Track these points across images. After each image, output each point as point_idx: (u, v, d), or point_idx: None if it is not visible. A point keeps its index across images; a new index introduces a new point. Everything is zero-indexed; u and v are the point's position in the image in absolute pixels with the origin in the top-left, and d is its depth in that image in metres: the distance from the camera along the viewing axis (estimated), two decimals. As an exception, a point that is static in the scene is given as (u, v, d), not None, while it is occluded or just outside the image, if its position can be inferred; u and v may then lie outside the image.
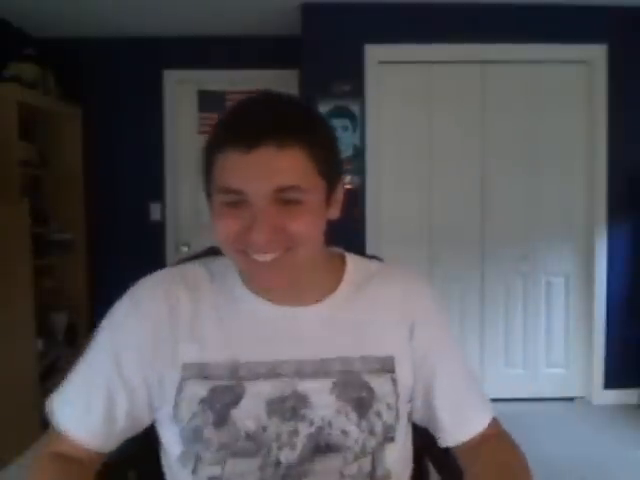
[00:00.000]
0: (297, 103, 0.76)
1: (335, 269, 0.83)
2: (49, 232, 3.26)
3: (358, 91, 3.08)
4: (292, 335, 0.76)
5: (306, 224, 0.69)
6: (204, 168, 0.73)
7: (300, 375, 0.74)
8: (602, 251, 3.16)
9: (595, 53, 3.10)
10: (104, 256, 3.60)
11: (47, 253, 3.16)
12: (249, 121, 0.68)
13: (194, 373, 0.73)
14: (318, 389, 0.74)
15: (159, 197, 3.68)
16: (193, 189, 3.75)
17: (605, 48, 3.09)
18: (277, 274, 0.71)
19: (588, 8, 3.05)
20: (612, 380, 3.18)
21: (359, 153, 3.09)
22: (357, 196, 3.09)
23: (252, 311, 0.77)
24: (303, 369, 0.74)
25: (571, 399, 3.24)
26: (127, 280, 0.83)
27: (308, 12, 3.07)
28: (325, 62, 3.07)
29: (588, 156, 3.17)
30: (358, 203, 3.09)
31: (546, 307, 3.25)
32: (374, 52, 3.09)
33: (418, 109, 3.17)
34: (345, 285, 0.81)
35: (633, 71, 3.10)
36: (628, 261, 3.18)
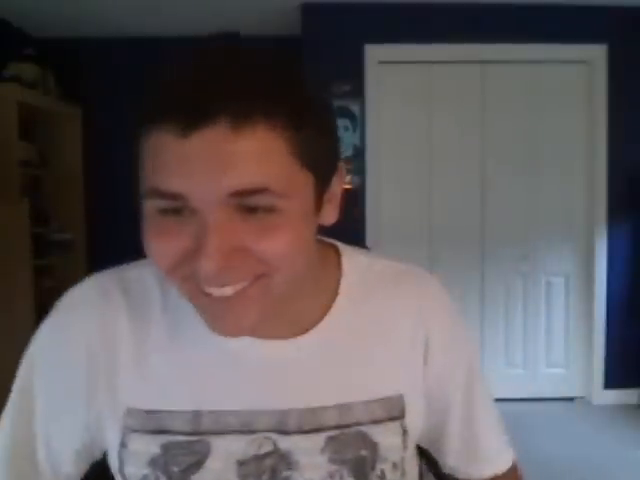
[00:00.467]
0: (269, 57, 0.49)
1: (328, 274, 0.61)
2: (49, 232, 3.25)
3: (358, 91, 3.08)
4: (271, 377, 0.57)
5: (283, 243, 0.46)
6: (135, 153, 0.51)
7: (282, 429, 0.56)
8: (602, 251, 3.16)
9: (595, 53, 3.10)
10: (104, 256, 3.58)
11: (47, 253, 3.16)
12: (189, 84, 0.44)
13: (141, 423, 0.55)
14: (306, 447, 0.56)
15: (159, 197, 3.67)
16: (193, 189, 3.75)
17: (605, 48, 3.09)
18: (238, 315, 0.49)
19: (588, 8, 3.05)
20: (612, 380, 3.18)
21: (359, 153, 3.09)
22: (357, 196, 3.09)
23: (220, 343, 0.55)
24: (287, 422, 0.56)
25: (571, 399, 3.24)
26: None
27: (308, 12, 3.07)
28: (325, 62, 3.07)
29: (588, 156, 3.17)
30: (358, 203, 3.09)
31: (546, 307, 3.25)
32: (374, 52, 3.08)
33: (418, 109, 3.17)
34: (341, 301, 0.60)
35: (633, 71, 3.10)
36: (628, 261, 3.18)
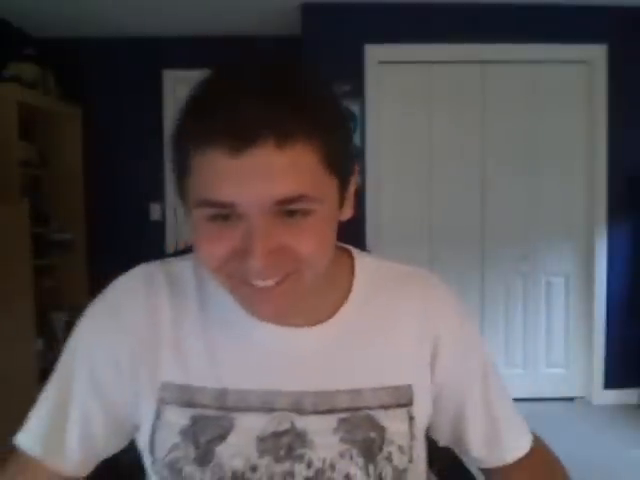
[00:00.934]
0: (298, 77, 0.56)
1: (343, 274, 0.69)
2: (49, 232, 3.25)
3: (358, 91, 3.08)
4: (290, 362, 0.64)
5: (317, 241, 0.55)
6: (176, 167, 0.57)
7: (299, 409, 0.62)
8: (602, 251, 3.16)
9: (595, 53, 3.10)
10: (104, 256, 3.59)
11: (47, 253, 3.16)
12: (237, 109, 0.50)
13: (175, 396, 0.62)
14: (320, 427, 0.62)
15: (159, 197, 3.67)
16: (193, 189, 3.75)
17: (605, 48, 3.09)
18: (277, 302, 0.57)
19: (588, 8, 3.05)
20: (612, 380, 3.18)
21: (359, 153, 3.09)
22: (357, 196, 3.08)
23: (245, 330, 0.63)
24: (303, 402, 0.62)
25: (571, 399, 3.24)
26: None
27: (308, 12, 3.07)
28: (325, 62, 3.07)
29: (588, 156, 3.17)
30: (358, 203, 3.09)
31: (546, 307, 3.25)
32: (374, 52, 3.09)
33: (418, 109, 3.17)
34: (354, 296, 0.67)
35: (633, 71, 3.10)
36: (628, 261, 3.18)
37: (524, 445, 0.72)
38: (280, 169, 0.50)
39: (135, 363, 0.63)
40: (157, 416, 0.62)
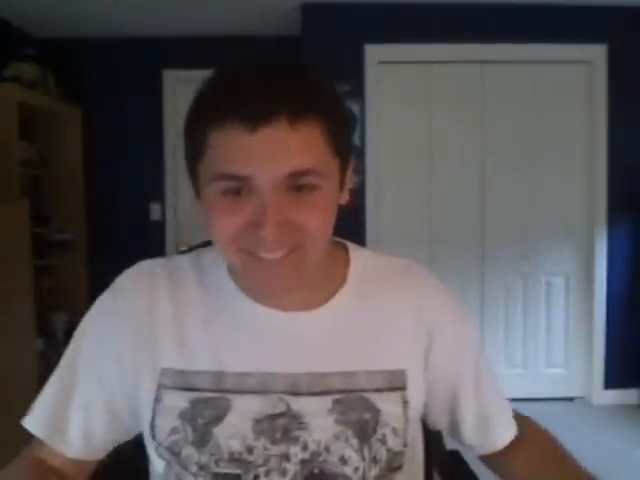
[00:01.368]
0: (305, 69, 0.62)
1: (338, 265, 0.71)
2: (49, 232, 3.25)
3: (358, 91, 3.08)
4: (287, 345, 0.66)
5: (321, 216, 0.59)
6: (191, 152, 0.60)
7: (295, 391, 0.64)
8: (602, 251, 3.16)
9: (595, 53, 3.10)
10: (104, 256, 3.59)
11: (47, 253, 3.16)
12: (253, 90, 0.55)
13: (173, 381, 0.64)
14: (315, 409, 0.63)
15: (159, 197, 3.68)
16: (193, 189, 3.75)
17: (605, 48, 3.09)
18: (283, 275, 0.60)
19: (588, 8, 3.05)
20: (612, 380, 3.18)
21: (359, 153, 3.09)
22: (357, 196, 3.08)
23: (242, 315, 0.67)
24: (298, 384, 0.64)
25: (571, 399, 3.24)
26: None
27: (308, 12, 3.07)
28: (325, 62, 3.06)
29: (588, 156, 3.17)
30: (358, 203, 3.09)
31: (546, 307, 3.25)
32: (374, 52, 3.08)
33: (418, 109, 3.17)
34: (350, 285, 0.70)
35: (633, 71, 3.10)
36: (628, 261, 3.18)
37: (511, 432, 0.76)
38: (292, 145, 0.55)
39: (135, 354, 0.66)
40: (157, 401, 0.64)
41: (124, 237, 3.63)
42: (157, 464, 0.67)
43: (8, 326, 2.51)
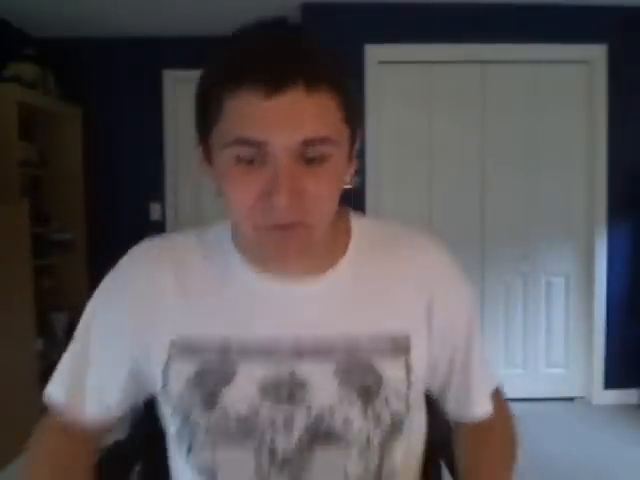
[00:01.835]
0: (316, 36, 0.62)
1: (340, 233, 0.72)
2: (49, 232, 3.26)
3: (358, 91, 3.08)
4: (291, 311, 0.67)
5: (329, 186, 0.60)
6: (204, 115, 0.60)
7: (299, 355, 0.65)
8: (602, 251, 3.16)
9: (595, 53, 3.10)
10: (104, 256, 3.57)
11: (47, 253, 3.16)
12: (270, 56, 0.55)
13: (182, 349, 0.67)
14: (319, 372, 0.65)
15: (159, 197, 3.68)
16: (193, 189, 3.75)
17: (605, 48, 3.09)
18: (293, 244, 0.61)
19: (588, 8, 3.05)
20: (612, 380, 3.18)
21: (359, 153, 3.08)
22: (357, 196, 3.08)
23: (247, 284, 0.68)
24: (302, 348, 0.65)
25: (571, 399, 3.24)
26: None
27: (308, 12, 3.07)
28: (325, 62, 3.07)
29: (588, 156, 3.17)
30: (359, 203, 3.09)
31: (546, 307, 3.25)
32: (374, 52, 3.08)
33: (418, 109, 3.17)
34: (352, 253, 0.71)
35: (633, 71, 3.10)
36: (628, 261, 3.18)
37: (486, 410, 0.77)
38: (308, 113, 0.55)
39: (144, 326, 0.69)
40: (167, 368, 0.67)
41: (124, 237, 3.59)
42: (170, 426, 0.69)
43: (8, 326, 2.51)
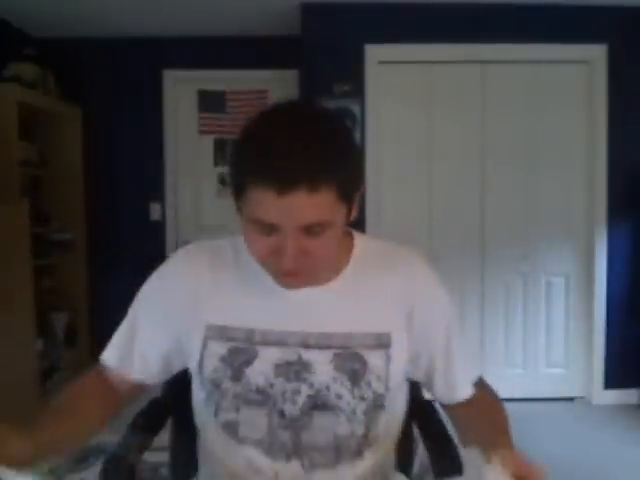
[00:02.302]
0: (326, 127, 0.77)
1: (344, 250, 0.90)
2: (49, 232, 3.26)
3: (358, 91, 3.08)
4: (301, 310, 0.86)
5: (328, 248, 0.79)
6: (235, 190, 0.78)
7: (305, 345, 0.85)
8: (602, 251, 3.16)
9: (595, 53, 3.10)
10: (104, 256, 3.60)
11: (47, 253, 3.17)
12: (282, 161, 0.71)
13: (216, 334, 0.87)
14: (320, 359, 0.84)
15: (159, 197, 3.68)
16: (193, 189, 3.75)
17: (605, 48, 3.09)
18: (299, 281, 0.83)
19: (588, 8, 3.05)
20: (612, 380, 3.18)
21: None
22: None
23: (268, 286, 0.86)
24: (308, 340, 0.85)
25: (571, 399, 3.24)
26: (127, 280, 0.83)
27: (308, 12, 3.07)
28: (325, 62, 3.07)
29: (588, 156, 3.17)
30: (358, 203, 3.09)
31: (546, 307, 3.25)
32: (374, 52, 3.08)
33: (418, 109, 3.17)
34: (352, 266, 0.90)
35: (633, 71, 3.10)
36: (628, 261, 3.18)
37: (468, 393, 0.93)
38: (309, 207, 0.72)
39: (186, 313, 0.88)
40: (204, 348, 0.87)
41: (124, 237, 3.63)
42: (200, 394, 0.90)
43: (8, 326, 2.52)
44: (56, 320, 3.28)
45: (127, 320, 0.93)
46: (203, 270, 0.90)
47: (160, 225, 3.68)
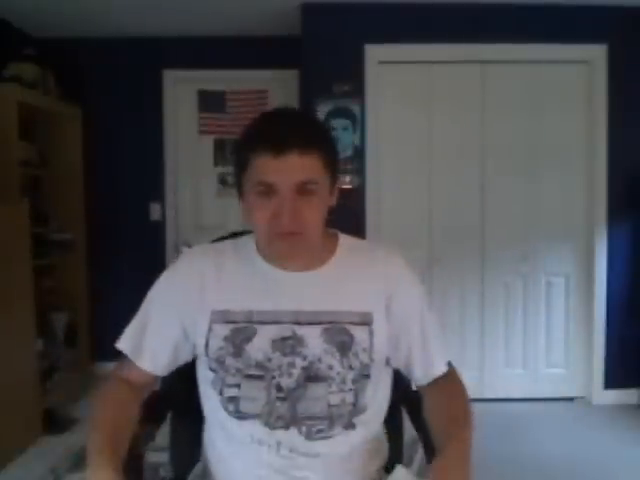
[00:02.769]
0: (309, 117, 1.12)
1: (330, 244, 1.05)
2: (49, 232, 3.25)
3: (358, 91, 3.08)
4: (293, 292, 0.99)
5: (316, 211, 0.93)
6: (238, 166, 0.95)
7: (298, 322, 0.97)
8: (602, 251, 3.16)
9: (595, 53, 3.10)
10: (104, 256, 3.60)
11: (47, 253, 3.16)
12: (278, 132, 0.90)
13: (220, 318, 0.99)
14: (311, 333, 0.96)
15: (159, 197, 3.68)
16: (193, 189, 3.75)
17: (605, 48, 3.09)
18: (291, 247, 0.94)
19: (588, 8, 3.05)
20: (612, 380, 3.18)
21: (359, 153, 3.09)
22: (357, 196, 3.09)
23: (264, 273, 1.01)
24: (301, 318, 0.97)
25: (571, 399, 3.24)
26: (127, 280, 0.84)
27: (308, 12, 3.07)
28: (325, 62, 3.07)
29: (588, 156, 3.17)
30: (358, 203, 3.09)
31: (546, 307, 3.25)
32: (374, 52, 3.09)
33: (418, 109, 3.17)
34: (337, 257, 1.04)
35: (633, 71, 3.10)
36: (628, 261, 3.18)
37: (443, 369, 1.06)
38: (300, 167, 0.90)
39: (193, 303, 1.00)
40: (209, 331, 0.99)
41: (124, 237, 3.63)
42: (207, 375, 1.00)
43: (8, 326, 2.51)
44: (56, 320, 3.27)
45: (139, 315, 1.04)
46: (208, 266, 1.02)
47: (160, 225, 3.68)
